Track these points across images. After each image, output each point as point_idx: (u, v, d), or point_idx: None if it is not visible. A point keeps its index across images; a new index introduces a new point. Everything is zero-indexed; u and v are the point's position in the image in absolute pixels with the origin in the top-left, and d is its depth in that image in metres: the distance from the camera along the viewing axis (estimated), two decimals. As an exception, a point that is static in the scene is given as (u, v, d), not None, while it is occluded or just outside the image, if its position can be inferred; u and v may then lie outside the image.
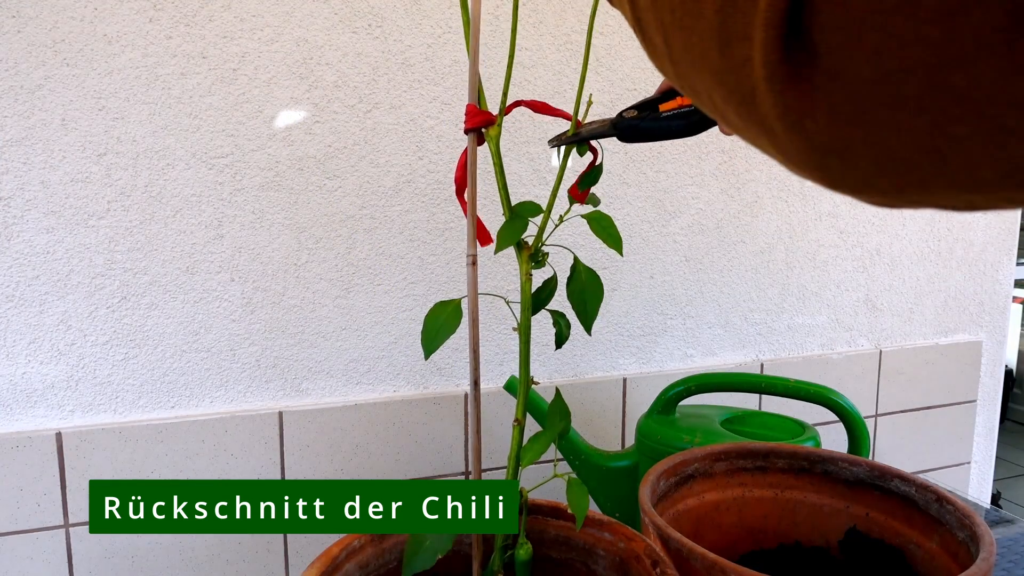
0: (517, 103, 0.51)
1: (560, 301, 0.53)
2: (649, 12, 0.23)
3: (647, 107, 0.50)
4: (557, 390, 0.55)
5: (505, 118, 0.53)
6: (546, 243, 0.51)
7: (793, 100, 0.18)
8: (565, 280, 0.52)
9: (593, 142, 0.53)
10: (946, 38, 0.15)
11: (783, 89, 0.18)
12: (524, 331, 0.51)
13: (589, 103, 0.50)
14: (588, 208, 0.53)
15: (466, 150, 0.50)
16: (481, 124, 0.48)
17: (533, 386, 0.54)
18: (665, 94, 0.50)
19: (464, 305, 0.49)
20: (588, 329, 0.49)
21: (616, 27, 0.92)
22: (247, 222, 0.79)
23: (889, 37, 0.15)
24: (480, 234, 0.51)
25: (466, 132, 0.48)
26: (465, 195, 0.51)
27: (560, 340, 0.54)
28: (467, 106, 0.48)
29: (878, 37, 0.16)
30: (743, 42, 0.19)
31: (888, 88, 0.16)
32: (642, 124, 0.50)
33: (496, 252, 0.49)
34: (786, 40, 0.17)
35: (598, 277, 0.51)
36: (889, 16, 0.15)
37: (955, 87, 0.15)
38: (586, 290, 0.50)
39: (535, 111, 0.53)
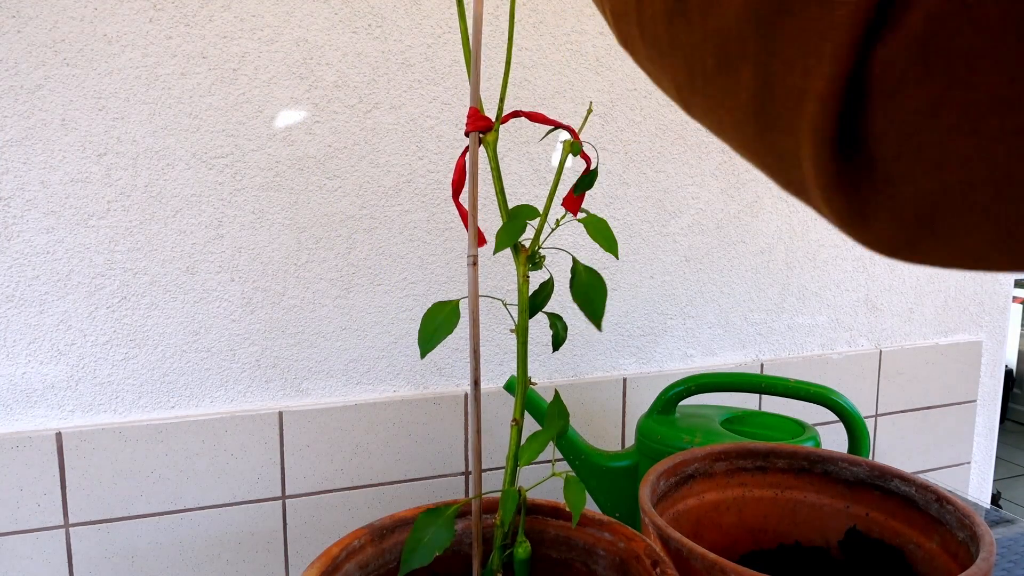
0: (514, 113, 0.52)
1: (559, 303, 0.53)
2: (654, 67, 0.21)
3: None
4: (556, 391, 0.55)
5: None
6: (544, 246, 0.51)
7: (853, 204, 0.17)
8: (564, 283, 0.52)
9: (587, 148, 0.54)
10: (1013, 156, 0.14)
11: (839, 195, 0.17)
12: (522, 332, 0.51)
13: (589, 110, 0.50)
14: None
15: (463, 153, 0.50)
16: (481, 129, 0.48)
17: (534, 387, 0.54)
18: None
19: (464, 305, 0.49)
20: (598, 325, 0.49)
21: (616, 27, 0.92)
22: (247, 222, 0.79)
23: (950, 154, 0.15)
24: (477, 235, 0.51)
25: (467, 135, 0.49)
26: (461, 197, 0.51)
27: (557, 342, 0.54)
28: (470, 109, 0.48)
29: (938, 153, 0.15)
30: (788, 136, 0.17)
31: (953, 199, 0.15)
32: None
33: (495, 253, 0.49)
34: (840, 146, 0.16)
35: (598, 274, 0.51)
36: (949, 134, 0.15)
37: None
38: (589, 287, 0.50)
39: (532, 120, 0.53)
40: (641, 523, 0.55)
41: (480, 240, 0.50)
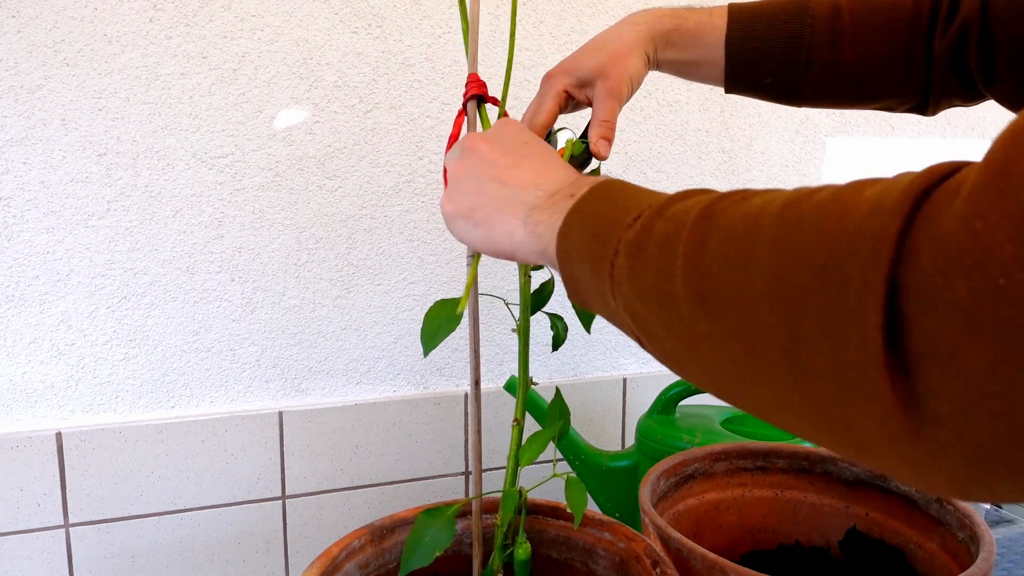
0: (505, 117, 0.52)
1: (559, 303, 0.53)
2: (681, 361, 0.29)
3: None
4: (557, 390, 0.55)
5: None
6: None
7: (920, 449, 0.20)
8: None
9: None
10: None
11: (909, 441, 0.21)
12: (523, 332, 0.51)
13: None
14: None
15: (461, 112, 0.50)
16: (480, 93, 0.48)
17: (533, 386, 0.54)
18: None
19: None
20: (587, 327, 0.49)
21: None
22: (247, 222, 0.79)
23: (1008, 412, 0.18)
24: None
25: (465, 102, 0.49)
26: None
27: (557, 342, 0.54)
28: (469, 75, 0.48)
29: (1004, 402, 0.18)
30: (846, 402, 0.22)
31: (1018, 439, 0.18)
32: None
33: None
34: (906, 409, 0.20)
35: None
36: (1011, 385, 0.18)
37: None
38: None
39: None
40: (641, 523, 0.55)
41: None
